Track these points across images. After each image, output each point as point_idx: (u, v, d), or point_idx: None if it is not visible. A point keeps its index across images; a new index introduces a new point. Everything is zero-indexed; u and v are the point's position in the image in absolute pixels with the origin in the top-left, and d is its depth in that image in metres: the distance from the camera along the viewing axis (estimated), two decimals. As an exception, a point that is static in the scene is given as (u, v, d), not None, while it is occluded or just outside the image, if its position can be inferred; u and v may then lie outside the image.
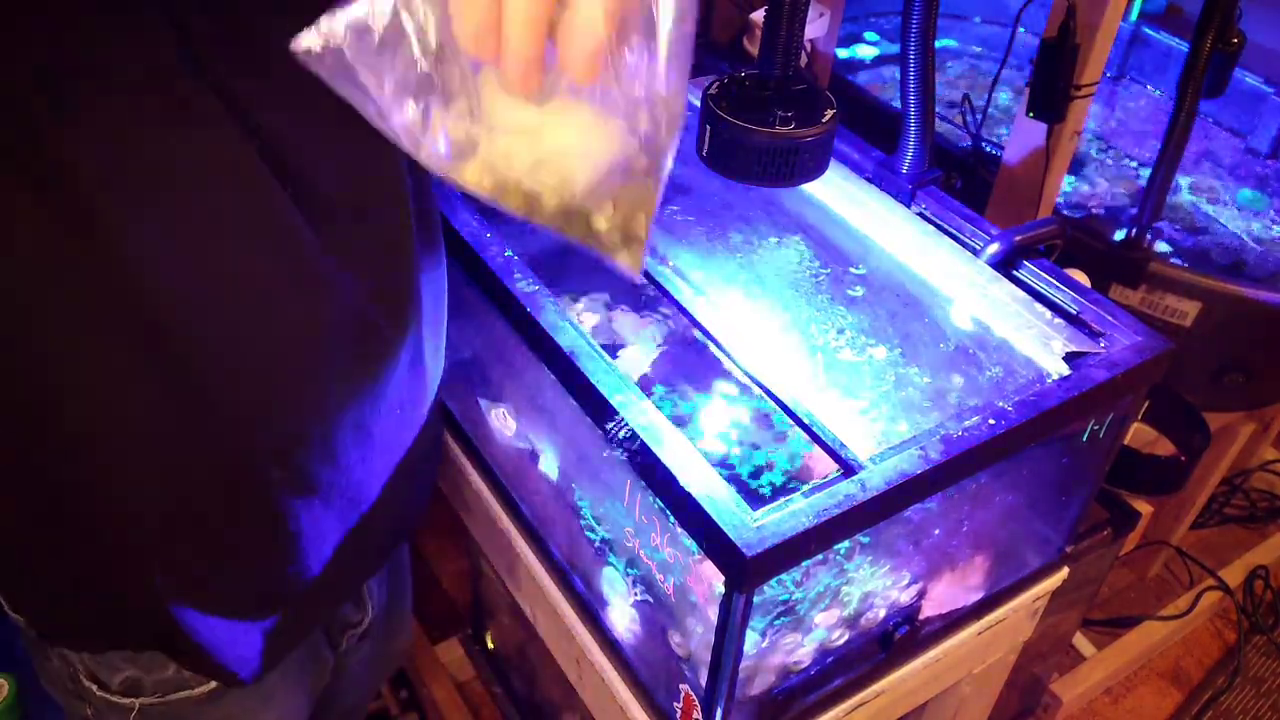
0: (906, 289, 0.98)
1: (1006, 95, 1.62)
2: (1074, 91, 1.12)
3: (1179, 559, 1.88)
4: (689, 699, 0.81)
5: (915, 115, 0.99)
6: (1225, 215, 1.49)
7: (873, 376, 0.90)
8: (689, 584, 0.78)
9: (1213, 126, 1.65)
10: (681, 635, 0.82)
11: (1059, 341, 0.87)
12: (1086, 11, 1.07)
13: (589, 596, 0.92)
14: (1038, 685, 1.59)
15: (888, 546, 0.82)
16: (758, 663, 0.80)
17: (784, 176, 0.87)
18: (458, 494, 1.10)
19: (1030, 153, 1.18)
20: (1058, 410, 0.79)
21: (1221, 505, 1.98)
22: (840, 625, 0.84)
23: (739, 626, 0.71)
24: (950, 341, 0.93)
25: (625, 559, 0.86)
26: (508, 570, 1.05)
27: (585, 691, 0.97)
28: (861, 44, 1.74)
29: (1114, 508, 1.29)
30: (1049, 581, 1.02)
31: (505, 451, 0.99)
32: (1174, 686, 1.76)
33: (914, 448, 0.74)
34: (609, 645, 0.90)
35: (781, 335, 0.93)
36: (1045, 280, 0.94)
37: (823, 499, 0.69)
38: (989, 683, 1.12)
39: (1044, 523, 0.99)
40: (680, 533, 0.73)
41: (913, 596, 0.89)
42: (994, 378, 0.89)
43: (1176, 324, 1.30)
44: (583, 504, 0.89)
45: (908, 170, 1.02)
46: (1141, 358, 0.85)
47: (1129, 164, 1.56)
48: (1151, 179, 1.24)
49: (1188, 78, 1.16)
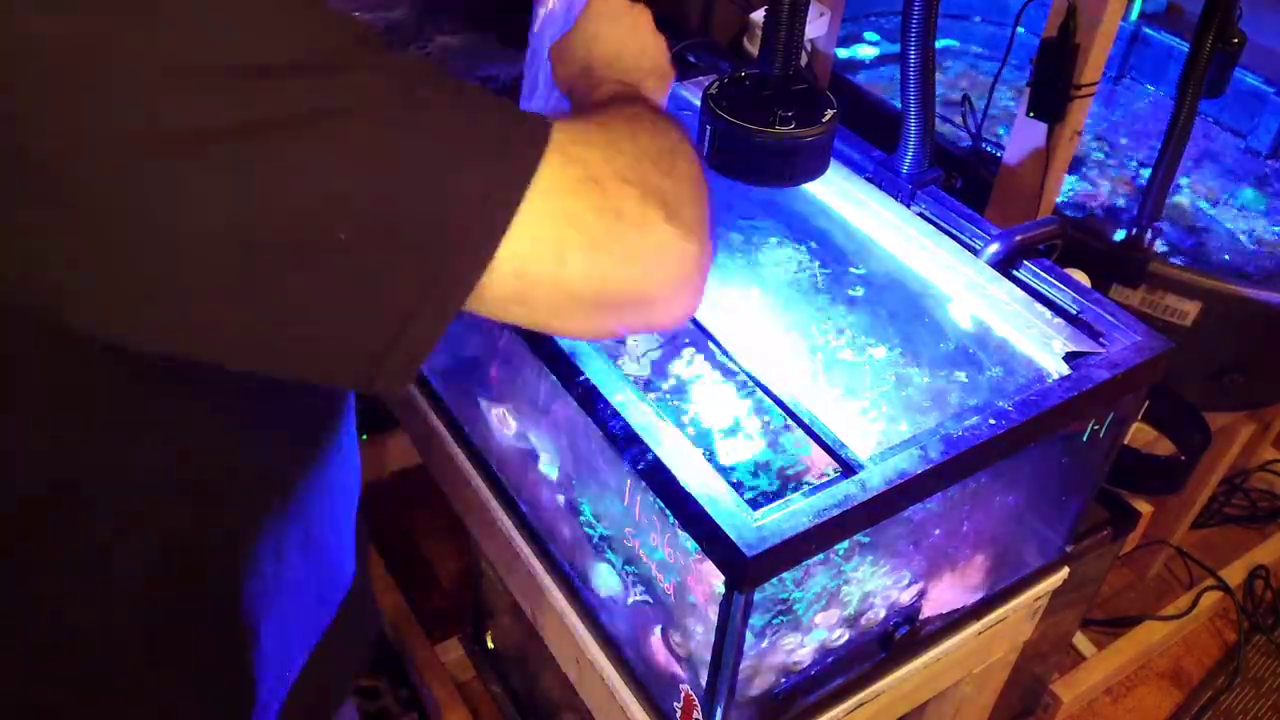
0: (906, 289, 0.98)
1: (1006, 95, 1.62)
2: (1074, 91, 1.12)
3: (1179, 559, 1.88)
4: (689, 699, 0.81)
5: (915, 115, 0.99)
6: (1225, 215, 1.49)
7: (873, 376, 0.89)
8: (689, 584, 0.78)
9: (1213, 126, 1.65)
10: (681, 635, 0.82)
11: (1059, 341, 0.87)
12: (1086, 11, 1.07)
13: (589, 596, 0.92)
14: (1038, 685, 1.59)
15: (888, 546, 0.82)
16: (758, 663, 0.80)
17: (784, 177, 0.87)
18: (458, 494, 1.10)
19: (1030, 153, 1.18)
20: (1058, 410, 0.79)
21: (1221, 505, 1.98)
22: (840, 625, 0.84)
23: (739, 626, 0.71)
24: (950, 341, 0.93)
25: (625, 558, 0.86)
26: (508, 570, 1.05)
27: (585, 691, 0.97)
28: (861, 44, 1.74)
29: (1114, 508, 1.29)
30: (1049, 581, 1.02)
31: (505, 451, 0.99)
32: (1174, 686, 1.76)
33: (914, 448, 0.74)
34: (609, 645, 0.90)
35: (781, 335, 0.93)
36: (1045, 280, 0.94)
37: (823, 499, 0.69)
38: (989, 683, 1.12)
39: (1044, 522, 0.99)
40: (680, 533, 0.73)
41: (913, 596, 0.89)
42: (994, 378, 0.89)
43: (1176, 324, 1.30)
44: (583, 504, 0.89)
45: (908, 170, 1.02)
46: (1141, 358, 0.84)
47: (1129, 164, 1.56)
48: (1151, 179, 1.24)
49: (1188, 78, 1.16)
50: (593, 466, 0.86)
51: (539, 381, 0.87)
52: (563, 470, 0.91)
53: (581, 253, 0.46)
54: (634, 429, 0.73)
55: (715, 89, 0.87)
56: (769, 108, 0.83)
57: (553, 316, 0.48)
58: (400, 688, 1.64)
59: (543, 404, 0.90)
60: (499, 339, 0.94)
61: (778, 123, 0.83)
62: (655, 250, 0.49)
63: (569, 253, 0.46)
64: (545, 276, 0.46)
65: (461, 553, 1.80)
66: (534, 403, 0.92)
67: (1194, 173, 1.56)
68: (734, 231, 1.04)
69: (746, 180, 0.87)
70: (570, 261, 0.46)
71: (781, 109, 0.83)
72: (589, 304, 0.48)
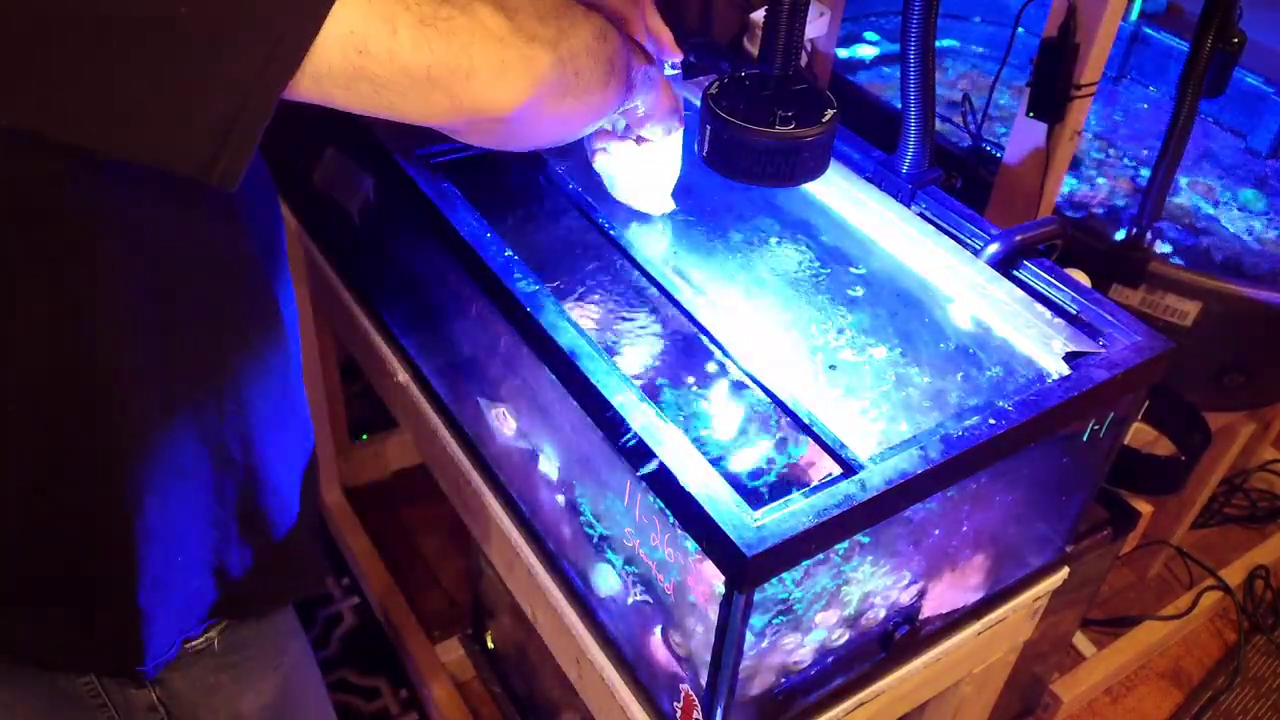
0: (906, 289, 0.98)
1: (1006, 95, 1.62)
2: (1074, 91, 1.12)
3: (1179, 559, 1.88)
4: (689, 699, 0.81)
5: (915, 115, 0.99)
6: (1225, 215, 1.49)
7: (873, 376, 0.89)
8: (689, 584, 0.78)
9: (1213, 126, 1.65)
10: (681, 635, 0.82)
11: (1059, 341, 0.87)
12: (1086, 11, 1.07)
13: (589, 596, 0.92)
14: (1038, 685, 1.59)
15: (888, 546, 0.82)
16: (758, 663, 0.80)
17: (784, 176, 0.87)
18: (458, 494, 1.10)
19: (1030, 153, 1.18)
20: (1058, 410, 0.79)
21: (1222, 505, 1.98)
22: (840, 625, 0.84)
23: (739, 626, 0.71)
24: (950, 341, 0.93)
25: (625, 558, 0.86)
26: (508, 570, 1.05)
27: (585, 691, 0.97)
28: (861, 44, 1.74)
29: (1114, 508, 1.29)
30: (1049, 581, 1.02)
31: (505, 451, 0.99)
32: (1174, 686, 1.76)
33: (914, 448, 0.74)
34: (609, 645, 0.90)
35: (781, 335, 0.93)
36: (1045, 280, 0.94)
37: (823, 499, 0.69)
38: (989, 683, 1.12)
39: (1044, 522, 0.99)
40: (680, 533, 0.73)
41: (913, 596, 0.89)
42: (994, 378, 0.89)
43: (1176, 324, 1.30)
44: (582, 503, 0.89)
45: (908, 170, 1.02)
46: (1142, 358, 0.84)
47: (1129, 164, 1.56)
48: (1151, 179, 1.24)
49: (1188, 78, 1.16)
50: (592, 466, 0.86)
51: (539, 381, 0.87)
52: (563, 470, 0.91)
53: (410, 29, 0.52)
54: (634, 429, 0.73)
55: (715, 89, 0.87)
56: (769, 108, 0.83)
57: (392, 92, 0.54)
58: (400, 688, 1.64)
59: (543, 404, 0.90)
60: (499, 339, 0.94)
61: (778, 123, 0.83)
62: (480, 32, 0.55)
63: (400, 26, 0.52)
64: (380, 51, 0.51)
65: (461, 553, 1.80)
66: (534, 403, 0.92)
67: (1194, 173, 1.56)
68: (734, 231, 1.04)
69: (746, 180, 0.87)
70: (401, 34, 0.52)
71: (781, 109, 0.83)
72: (421, 78, 0.54)
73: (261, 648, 0.84)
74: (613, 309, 0.94)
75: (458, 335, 1.05)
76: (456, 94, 0.56)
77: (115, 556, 0.69)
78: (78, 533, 0.68)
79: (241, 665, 0.82)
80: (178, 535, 0.71)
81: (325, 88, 0.52)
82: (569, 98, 0.64)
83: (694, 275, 0.96)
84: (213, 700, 0.82)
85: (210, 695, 0.81)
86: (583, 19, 0.66)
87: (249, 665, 0.83)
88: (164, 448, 0.67)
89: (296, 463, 0.81)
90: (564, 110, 0.66)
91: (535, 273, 0.86)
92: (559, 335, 0.80)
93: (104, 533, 0.68)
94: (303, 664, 0.92)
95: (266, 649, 0.85)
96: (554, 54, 0.61)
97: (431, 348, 1.10)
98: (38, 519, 0.68)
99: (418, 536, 1.86)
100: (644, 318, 0.94)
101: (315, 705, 0.96)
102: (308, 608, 1.73)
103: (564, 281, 0.96)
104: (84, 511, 0.67)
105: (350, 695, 1.63)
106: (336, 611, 1.75)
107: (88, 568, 0.70)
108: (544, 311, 0.82)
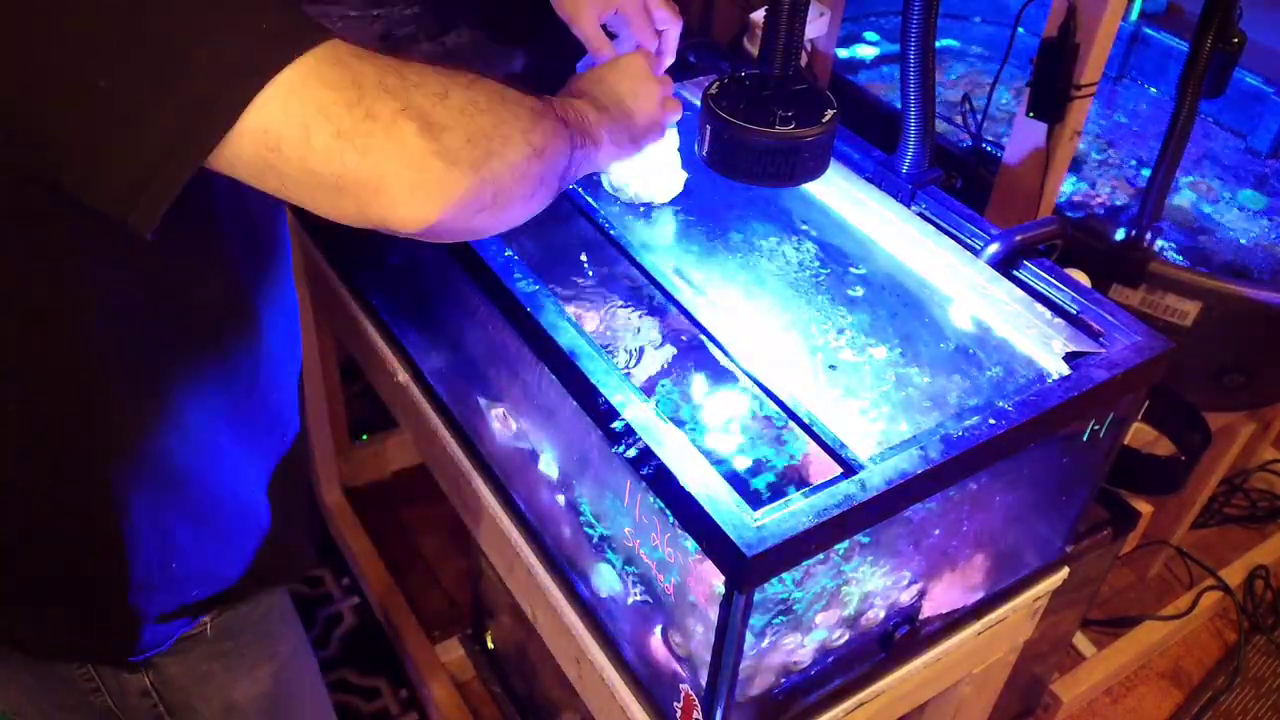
0: (906, 289, 0.98)
1: (1006, 95, 1.62)
2: (1074, 91, 1.12)
3: (1179, 559, 1.88)
4: (689, 699, 0.81)
5: (915, 115, 0.99)
6: (1225, 215, 1.49)
7: (873, 376, 0.89)
8: (689, 584, 0.78)
9: (1213, 126, 1.65)
10: (681, 635, 0.82)
11: (1059, 341, 0.87)
12: (1086, 11, 1.07)
13: (589, 596, 0.92)
14: (1038, 685, 1.59)
15: (888, 546, 0.82)
16: (758, 663, 0.80)
17: (784, 176, 0.87)
18: (458, 494, 1.10)
19: (1030, 153, 1.18)
20: (1058, 410, 0.79)
21: (1221, 505, 1.98)
22: (840, 625, 0.84)
23: (739, 626, 0.71)
24: (950, 341, 0.93)
25: (625, 558, 0.86)
26: (508, 570, 1.05)
27: (585, 691, 0.97)
28: (861, 44, 1.74)
29: (1114, 508, 1.29)
30: (1049, 581, 1.02)
31: (505, 451, 0.99)
32: (1174, 686, 1.76)
33: (914, 448, 0.74)
34: (609, 645, 0.90)
35: (781, 335, 0.93)
36: (1045, 280, 0.94)
37: (823, 499, 0.69)
38: (989, 683, 1.12)
39: (1044, 522, 0.99)
40: (680, 533, 0.73)
41: (913, 596, 0.89)
42: (994, 378, 0.89)
43: (1176, 324, 1.30)
44: (582, 503, 0.89)
45: (908, 170, 1.02)
46: (1142, 358, 0.84)
47: (1129, 164, 1.56)
48: (1151, 179, 1.24)
49: (1188, 78, 1.16)
50: (592, 466, 0.86)
51: (539, 381, 0.87)
52: (563, 470, 0.91)
53: (326, 137, 0.52)
54: (634, 429, 0.73)
55: (715, 89, 0.87)
56: (769, 108, 0.83)
57: (300, 189, 0.55)
58: (400, 688, 1.64)
59: (543, 404, 0.90)
60: (499, 339, 0.94)
61: (778, 123, 0.83)
62: (397, 151, 0.54)
63: (315, 134, 0.52)
64: (292, 151, 0.52)
65: (461, 553, 1.80)
66: (534, 403, 0.92)
67: (1194, 173, 1.56)
68: (734, 231, 1.04)
69: (747, 180, 0.87)
70: (315, 141, 0.52)
71: (781, 109, 0.83)
72: (329, 184, 0.54)
73: (255, 636, 0.85)
74: (613, 309, 0.94)
75: (458, 335, 1.05)
76: (364, 205, 0.56)
77: (111, 556, 0.69)
78: (77, 533, 0.69)
79: (234, 654, 0.83)
80: (164, 534, 0.72)
81: (237, 171, 0.53)
82: (484, 214, 0.61)
83: (694, 275, 0.96)
84: (205, 688, 0.82)
85: (203, 683, 0.82)
86: (520, 136, 0.62)
87: (242, 654, 0.84)
88: (144, 445, 0.68)
89: (267, 457, 0.81)
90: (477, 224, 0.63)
91: (535, 273, 0.86)
92: (559, 335, 0.80)
93: (102, 533, 0.69)
94: (299, 655, 0.92)
95: (260, 638, 0.85)
96: (474, 177, 0.58)
97: (431, 348, 1.11)
98: (38, 519, 0.69)
99: (418, 536, 1.86)
100: (644, 318, 0.94)
101: (311, 697, 0.96)
102: (308, 608, 1.73)
103: (564, 281, 0.96)
104: (83, 512, 0.68)
105: (350, 695, 1.63)
106: (336, 611, 1.75)
107: (87, 568, 0.71)
108: (544, 311, 0.82)
